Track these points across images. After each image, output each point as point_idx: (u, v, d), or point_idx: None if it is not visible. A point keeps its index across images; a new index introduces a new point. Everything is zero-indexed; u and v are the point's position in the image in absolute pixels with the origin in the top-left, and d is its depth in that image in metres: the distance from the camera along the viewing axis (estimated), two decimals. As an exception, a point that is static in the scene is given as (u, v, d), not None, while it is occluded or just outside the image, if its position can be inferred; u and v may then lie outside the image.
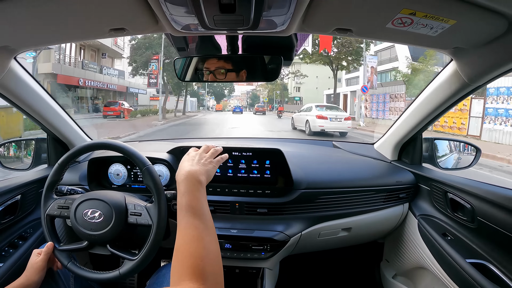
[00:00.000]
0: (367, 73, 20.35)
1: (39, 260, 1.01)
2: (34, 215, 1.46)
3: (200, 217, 0.76)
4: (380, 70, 25.60)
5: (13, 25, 0.83)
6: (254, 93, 74.19)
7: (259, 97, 69.90)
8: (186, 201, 0.78)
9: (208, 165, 0.91)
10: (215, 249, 0.74)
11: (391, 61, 27.84)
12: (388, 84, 21.70)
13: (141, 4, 0.73)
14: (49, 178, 1.09)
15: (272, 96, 50.58)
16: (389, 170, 1.58)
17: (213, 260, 0.71)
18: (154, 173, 1.02)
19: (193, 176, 0.84)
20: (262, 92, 68.64)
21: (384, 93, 19.85)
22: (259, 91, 70.86)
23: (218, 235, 1.34)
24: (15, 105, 1.29)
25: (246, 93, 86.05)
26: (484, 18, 0.76)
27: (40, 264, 1.00)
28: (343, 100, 29.58)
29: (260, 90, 69.22)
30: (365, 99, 20.91)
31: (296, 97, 49.08)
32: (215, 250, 0.74)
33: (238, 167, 1.38)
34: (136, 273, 0.98)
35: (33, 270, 0.99)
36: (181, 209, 0.78)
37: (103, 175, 1.46)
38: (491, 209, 1.13)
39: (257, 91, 72.13)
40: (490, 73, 0.99)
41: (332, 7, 0.76)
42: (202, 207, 0.79)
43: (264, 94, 66.89)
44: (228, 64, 1.11)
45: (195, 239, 0.72)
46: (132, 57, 24.69)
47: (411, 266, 1.54)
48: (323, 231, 1.43)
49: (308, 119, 13.90)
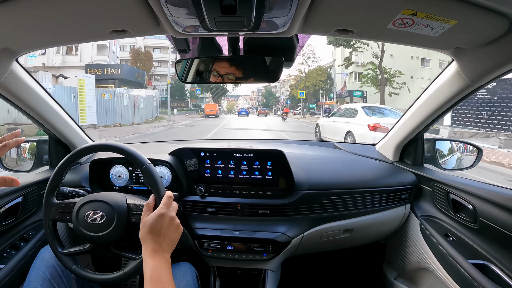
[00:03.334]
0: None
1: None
2: (35, 217, 1.46)
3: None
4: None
5: (14, 27, 0.83)
6: (269, 90, 65.93)
7: (274, 94, 63.62)
8: (151, 274, 0.82)
9: (174, 233, 0.92)
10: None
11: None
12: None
13: (142, 6, 0.73)
14: (49, 182, 1.09)
15: (310, 89, 36.65)
16: (390, 171, 1.58)
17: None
18: (153, 171, 1.02)
19: (161, 256, 0.86)
20: (281, 87, 60.10)
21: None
22: (274, 87, 62.40)
23: (220, 237, 1.35)
24: (17, 107, 1.29)
25: (257, 91, 77.64)
26: (485, 18, 0.75)
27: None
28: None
29: (277, 85, 60.98)
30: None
31: (356, 93, 29.80)
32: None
33: (239, 168, 1.38)
34: (140, 272, 0.98)
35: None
36: (146, 279, 0.82)
37: (105, 176, 1.46)
38: (493, 209, 1.12)
39: (272, 87, 64.13)
40: (492, 73, 0.99)
41: (333, 8, 0.76)
42: (166, 279, 0.82)
43: (282, 89, 58.43)
44: (230, 66, 1.11)
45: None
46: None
47: (413, 267, 1.54)
48: (325, 233, 1.43)
49: (350, 129, 8.67)
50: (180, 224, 0.94)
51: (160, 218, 0.89)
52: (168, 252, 0.88)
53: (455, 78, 1.13)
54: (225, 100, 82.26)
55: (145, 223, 0.89)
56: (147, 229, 0.87)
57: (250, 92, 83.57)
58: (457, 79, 1.12)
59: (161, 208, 0.91)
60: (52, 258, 1.10)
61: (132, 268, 1.00)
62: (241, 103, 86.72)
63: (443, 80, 1.21)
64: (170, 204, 0.94)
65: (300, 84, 38.83)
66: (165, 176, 1.40)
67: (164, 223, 0.89)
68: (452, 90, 1.18)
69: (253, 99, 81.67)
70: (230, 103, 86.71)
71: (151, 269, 0.82)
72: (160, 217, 0.89)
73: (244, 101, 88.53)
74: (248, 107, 74.43)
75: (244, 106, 76.29)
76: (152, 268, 0.82)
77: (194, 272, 1.19)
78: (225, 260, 1.40)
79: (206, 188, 1.39)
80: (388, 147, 1.69)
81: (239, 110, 46.52)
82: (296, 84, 43.03)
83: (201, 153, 1.38)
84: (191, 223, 1.40)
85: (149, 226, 0.87)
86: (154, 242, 0.86)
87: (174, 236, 0.91)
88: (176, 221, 0.92)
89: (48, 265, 1.09)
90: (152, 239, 0.87)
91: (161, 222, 0.88)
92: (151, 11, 0.76)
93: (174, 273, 1.13)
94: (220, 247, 1.36)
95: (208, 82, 1.14)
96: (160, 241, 0.87)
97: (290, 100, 46.89)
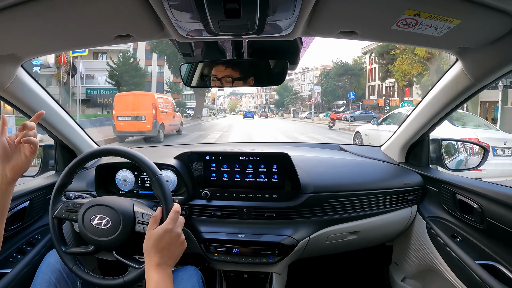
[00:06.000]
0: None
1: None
2: (42, 221, 1.47)
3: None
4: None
5: (20, 33, 0.84)
6: (283, 84, 47.04)
7: (291, 88, 50.65)
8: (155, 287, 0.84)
9: (178, 249, 0.92)
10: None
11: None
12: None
13: (147, 11, 0.73)
14: (58, 181, 1.10)
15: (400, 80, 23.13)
16: (396, 172, 1.57)
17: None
18: (164, 184, 1.01)
19: (164, 270, 0.87)
20: (299, 80, 50.37)
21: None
22: (291, 80, 50.82)
23: (226, 240, 1.35)
24: (22, 112, 1.30)
25: (265, 87, 67.88)
26: (489, 17, 0.75)
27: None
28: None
29: (293, 78, 50.82)
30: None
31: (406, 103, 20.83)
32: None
33: (245, 171, 1.38)
34: (140, 281, 0.98)
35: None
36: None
37: (111, 181, 1.47)
38: (500, 209, 1.12)
39: (288, 80, 48.60)
40: (496, 72, 0.99)
41: (337, 10, 0.76)
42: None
43: (302, 82, 48.85)
44: (234, 69, 1.12)
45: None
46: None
47: (420, 269, 1.53)
48: (331, 235, 1.42)
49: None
50: (185, 241, 0.94)
51: (166, 234, 0.89)
52: (171, 267, 0.89)
53: (460, 77, 1.13)
54: (227, 98, 78.26)
55: (151, 236, 0.89)
56: (152, 242, 0.88)
57: (256, 89, 73.50)
58: (462, 79, 1.12)
59: (167, 223, 0.91)
60: (57, 262, 1.11)
61: (132, 277, 1.00)
62: (245, 101, 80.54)
63: (448, 80, 1.20)
64: (177, 219, 0.93)
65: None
66: (170, 180, 1.40)
67: (169, 238, 0.89)
68: (457, 89, 1.18)
69: (260, 97, 71.24)
70: (233, 102, 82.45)
71: (155, 282, 0.83)
72: (166, 233, 0.89)
73: (249, 99, 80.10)
74: (253, 106, 69.40)
75: (249, 104, 71.15)
76: (156, 281, 0.83)
77: (199, 276, 1.19)
78: (231, 263, 1.39)
79: (212, 191, 1.39)
80: (394, 148, 1.69)
81: (245, 113, 43.26)
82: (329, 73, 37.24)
83: (206, 156, 1.39)
84: (197, 227, 1.40)
85: (155, 240, 0.88)
86: (158, 256, 0.87)
87: (178, 252, 0.92)
88: (181, 238, 0.93)
89: (54, 269, 1.10)
90: (156, 253, 0.87)
91: (167, 238, 0.89)
92: (155, 16, 0.76)
93: (180, 277, 1.13)
94: (226, 250, 1.36)
95: (212, 86, 1.14)
96: (164, 256, 0.88)
97: (353, 93, 29.29)
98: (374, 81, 33.18)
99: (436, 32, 0.81)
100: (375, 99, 32.22)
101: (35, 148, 0.92)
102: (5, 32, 0.83)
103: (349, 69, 36.65)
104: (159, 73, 35.15)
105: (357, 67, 36.68)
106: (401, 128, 1.59)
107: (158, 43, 25.79)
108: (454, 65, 1.15)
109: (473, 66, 1.04)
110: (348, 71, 36.76)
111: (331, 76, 38.35)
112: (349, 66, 36.79)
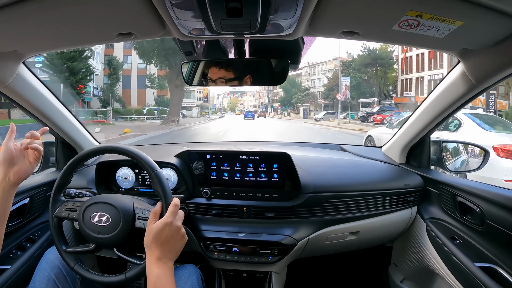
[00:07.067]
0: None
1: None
2: (42, 218, 1.48)
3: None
4: None
5: (21, 30, 0.84)
6: (291, 79, 43.83)
7: (299, 84, 44.49)
8: (155, 281, 0.83)
9: (179, 243, 0.92)
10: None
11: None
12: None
13: (149, 9, 0.73)
14: (57, 180, 1.11)
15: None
16: (397, 173, 1.57)
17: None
18: (162, 179, 1.01)
19: (165, 264, 0.87)
20: (309, 75, 42.96)
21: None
22: (298, 75, 44.61)
23: (225, 239, 1.35)
24: (24, 109, 1.30)
25: (267, 86, 58.36)
26: (491, 19, 0.75)
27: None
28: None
29: (301, 72, 43.65)
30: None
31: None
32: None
33: (245, 171, 1.38)
34: (142, 277, 0.99)
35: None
36: (150, 286, 0.83)
37: (111, 178, 1.47)
38: (500, 212, 1.11)
39: (296, 75, 45.04)
40: (498, 74, 0.98)
41: (339, 10, 0.76)
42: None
43: (314, 77, 41.26)
44: (236, 68, 1.12)
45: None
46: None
47: (420, 270, 1.53)
48: (331, 235, 1.42)
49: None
50: (185, 234, 0.94)
51: (166, 227, 0.89)
52: (172, 261, 0.89)
53: (461, 79, 1.12)
54: (227, 96, 76.40)
55: (151, 230, 0.89)
56: (153, 237, 0.88)
57: (258, 86, 71.52)
58: (463, 81, 1.12)
59: (167, 216, 0.91)
60: (57, 259, 1.11)
61: (134, 272, 1.00)
62: (246, 100, 77.54)
63: (449, 81, 1.20)
64: (176, 212, 0.93)
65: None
66: (171, 178, 1.41)
67: (169, 232, 0.89)
68: (458, 91, 1.18)
69: (262, 95, 65.60)
70: (232, 100, 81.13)
71: (156, 276, 0.83)
72: (166, 226, 0.89)
73: (250, 97, 76.14)
74: (255, 105, 67.51)
75: (250, 103, 68.98)
76: (157, 275, 0.83)
77: (199, 274, 1.19)
78: (230, 262, 1.40)
79: (212, 190, 1.39)
80: (394, 149, 1.68)
81: (245, 113, 41.37)
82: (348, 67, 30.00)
83: (207, 155, 1.39)
84: (197, 225, 1.41)
85: (155, 234, 0.88)
86: (158, 250, 0.87)
87: (179, 245, 0.91)
88: (181, 231, 0.93)
89: (53, 266, 1.10)
90: (157, 247, 0.87)
91: (167, 231, 0.89)
92: (157, 14, 0.76)
93: (179, 275, 1.13)
94: (226, 249, 1.36)
95: (214, 85, 1.14)
96: (165, 250, 0.87)
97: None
98: (411, 73, 27.34)
99: (438, 34, 0.81)
100: (411, 95, 26.44)
101: (39, 156, 0.98)
102: (7, 29, 0.83)
103: (379, 57, 29.96)
104: (141, 64, 29.20)
105: (387, 55, 30.14)
106: (402, 129, 1.59)
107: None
108: (456, 67, 1.14)
109: (475, 68, 1.04)
110: (377, 60, 30.21)
111: (355, 67, 31.42)
112: (377, 54, 30.11)
